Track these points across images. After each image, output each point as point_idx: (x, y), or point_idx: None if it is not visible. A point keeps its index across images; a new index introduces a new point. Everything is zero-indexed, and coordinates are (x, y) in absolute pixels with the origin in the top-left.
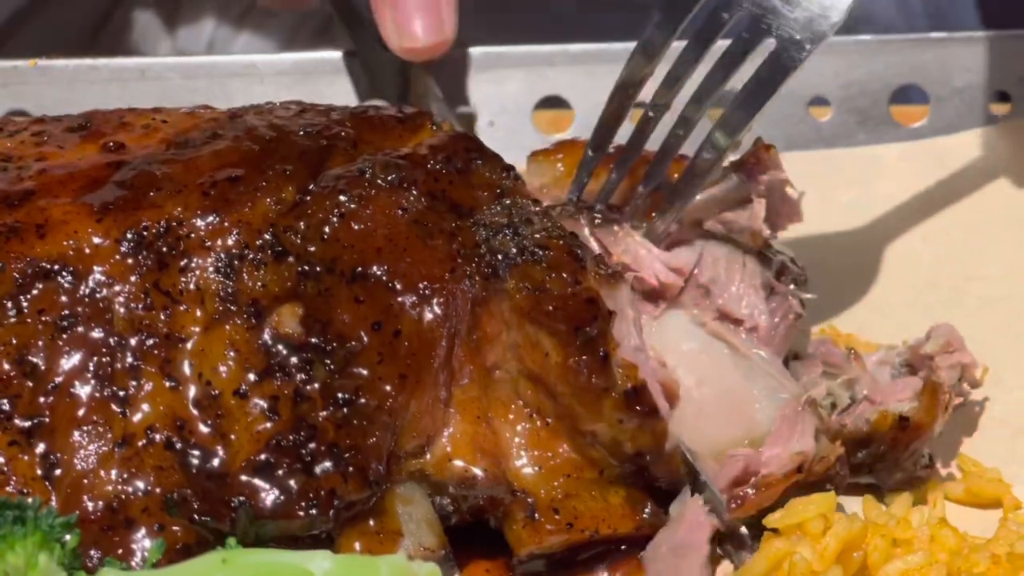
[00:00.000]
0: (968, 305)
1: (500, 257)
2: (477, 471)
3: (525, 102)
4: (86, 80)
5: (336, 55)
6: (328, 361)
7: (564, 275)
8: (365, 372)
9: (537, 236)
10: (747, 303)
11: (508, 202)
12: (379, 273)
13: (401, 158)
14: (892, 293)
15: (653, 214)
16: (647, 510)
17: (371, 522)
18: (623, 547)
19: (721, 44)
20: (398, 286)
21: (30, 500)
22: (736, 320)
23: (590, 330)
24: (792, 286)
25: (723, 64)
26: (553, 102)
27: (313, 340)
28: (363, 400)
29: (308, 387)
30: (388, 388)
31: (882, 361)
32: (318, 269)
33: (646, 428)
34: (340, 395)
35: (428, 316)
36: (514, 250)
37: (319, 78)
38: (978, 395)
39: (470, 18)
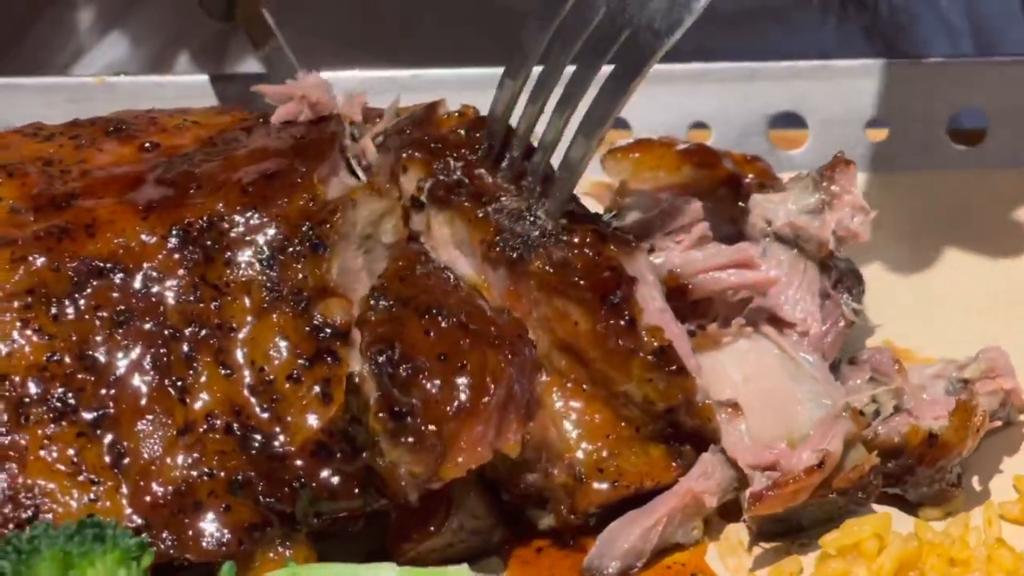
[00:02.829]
0: None
1: (523, 241)
2: (525, 438)
3: None
4: (151, 97)
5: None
6: (390, 370)
7: (586, 249)
8: (423, 393)
9: (557, 216)
10: (802, 308)
11: (517, 196)
12: (454, 318)
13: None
14: (955, 313)
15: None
16: (687, 460)
17: (423, 497)
18: None
19: None
20: (471, 328)
21: (108, 521)
22: (788, 323)
23: (615, 297)
24: (847, 295)
25: (585, 60)
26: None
27: (378, 351)
28: (416, 418)
29: (359, 374)
30: (442, 413)
31: (938, 375)
32: (391, 303)
33: (675, 385)
34: (395, 408)
35: (492, 359)
36: (536, 232)
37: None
38: None
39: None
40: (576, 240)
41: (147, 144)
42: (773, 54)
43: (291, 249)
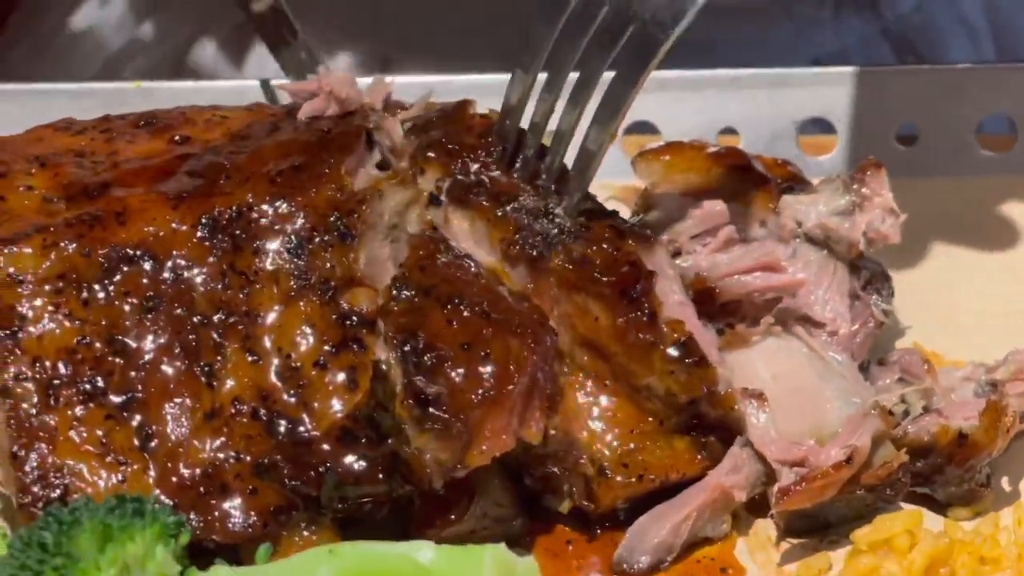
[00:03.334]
0: None
1: (542, 238)
2: (550, 432)
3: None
4: (187, 102)
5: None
6: (415, 359)
7: (604, 244)
8: (448, 382)
9: (575, 214)
10: (831, 308)
11: (533, 195)
12: (475, 308)
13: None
14: (982, 317)
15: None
16: (712, 452)
17: (447, 484)
18: None
19: None
20: (493, 318)
21: (148, 496)
22: (818, 323)
23: (634, 291)
24: (876, 296)
25: (593, 55)
26: (641, 127)
27: (402, 340)
28: (442, 406)
29: (385, 362)
30: (468, 401)
31: (967, 377)
32: (413, 292)
33: (696, 377)
34: (421, 396)
35: (516, 348)
36: (555, 231)
37: None
38: None
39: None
40: (594, 236)
41: (177, 137)
42: (778, 49)
43: (319, 238)
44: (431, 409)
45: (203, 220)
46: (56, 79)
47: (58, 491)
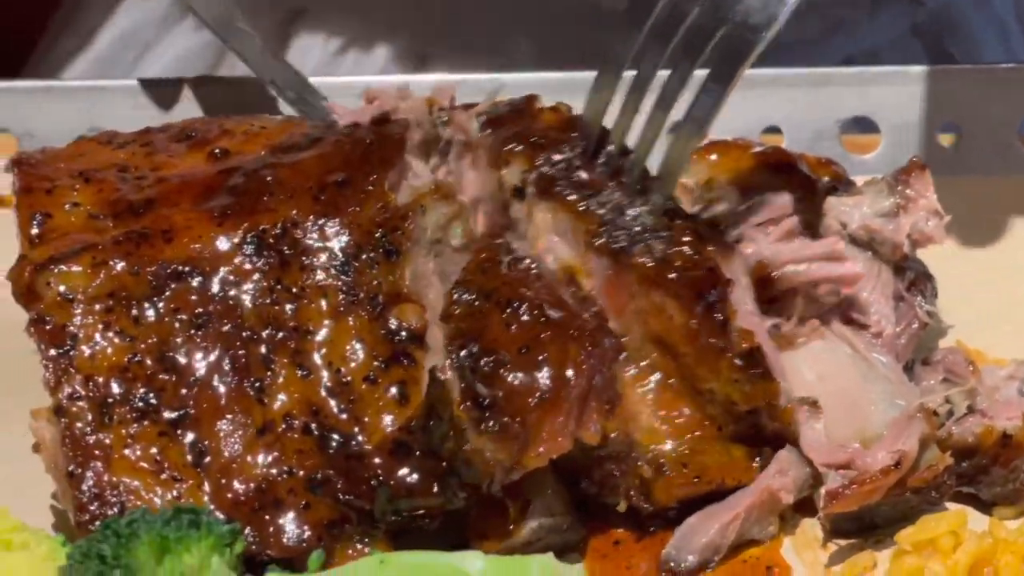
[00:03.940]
0: None
1: (626, 234)
2: (610, 434)
3: None
4: (240, 95)
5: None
6: (473, 366)
7: (686, 247)
8: (505, 385)
9: (659, 214)
10: (875, 310)
11: (618, 192)
12: (534, 311)
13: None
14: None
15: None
16: (768, 461)
17: (501, 496)
18: None
19: None
20: (551, 321)
21: (202, 508)
22: (862, 325)
23: (710, 296)
24: (920, 297)
25: (681, 59)
26: None
27: (460, 345)
28: (499, 409)
29: (441, 368)
30: (524, 403)
31: (1011, 376)
32: (473, 296)
33: (759, 388)
34: (479, 399)
35: (574, 351)
36: (638, 228)
37: None
38: None
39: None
40: (676, 238)
41: (217, 150)
42: (810, 47)
43: (365, 255)
44: (488, 412)
45: (249, 237)
46: (99, 76)
47: (115, 508)
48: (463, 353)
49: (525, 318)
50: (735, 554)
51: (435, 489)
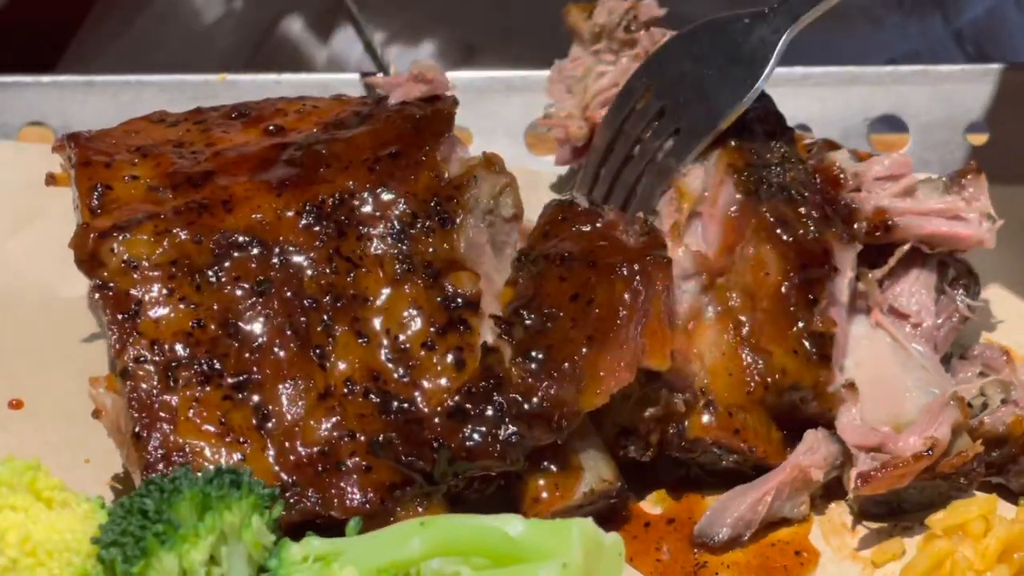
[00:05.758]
0: None
1: (765, 185)
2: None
3: None
4: (271, 94)
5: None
6: (528, 322)
7: (810, 221)
8: (558, 334)
9: (801, 181)
10: (916, 301)
11: (785, 149)
12: (584, 259)
13: None
14: None
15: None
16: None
17: (554, 462)
18: None
19: None
20: (600, 264)
21: (243, 469)
22: (903, 315)
23: (814, 272)
24: (963, 292)
25: None
26: None
27: (519, 307)
28: (552, 357)
29: (495, 340)
30: (576, 347)
31: None
32: (533, 261)
33: (813, 369)
34: (533, 352)
35: (620, 287)
36: (777, 184)
37: (492, 96)
38: None
39: None
40: (806, 208)
41: (271, 127)
42: (850, 51)
43: (420, 224)
44: (542, 362)
45: (307, 207)
46: (142, 60)
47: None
48: (512, 309)
49: (575, 267)
50: (764, 536)
51: (493, 452)
